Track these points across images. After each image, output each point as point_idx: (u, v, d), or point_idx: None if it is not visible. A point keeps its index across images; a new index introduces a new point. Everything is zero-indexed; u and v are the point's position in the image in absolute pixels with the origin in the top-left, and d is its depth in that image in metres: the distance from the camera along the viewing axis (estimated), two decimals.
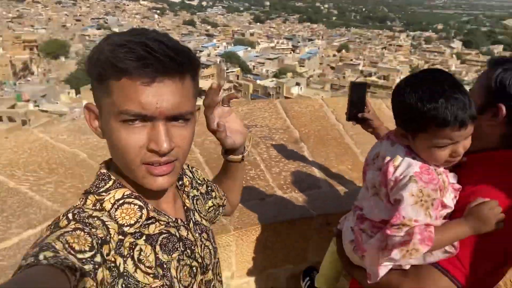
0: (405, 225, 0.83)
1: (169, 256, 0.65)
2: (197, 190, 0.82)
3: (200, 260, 0.72)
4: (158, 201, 0.68)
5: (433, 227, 0.84)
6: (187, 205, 0.75)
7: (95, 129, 0.63)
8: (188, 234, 0.71)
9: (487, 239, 0.85)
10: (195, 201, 0.79)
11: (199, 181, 0.85)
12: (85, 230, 0.55)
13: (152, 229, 0.65)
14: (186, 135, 0.62)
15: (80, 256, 0.52)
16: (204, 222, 0.78)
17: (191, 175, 0.82)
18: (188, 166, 0.85)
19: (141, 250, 0.61)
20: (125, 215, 0.62)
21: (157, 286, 0.61)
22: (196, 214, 0.76)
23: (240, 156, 0.87)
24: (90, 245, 0.54)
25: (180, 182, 0.77)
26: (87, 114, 0.62)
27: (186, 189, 0.77)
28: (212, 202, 0.88)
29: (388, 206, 0.91)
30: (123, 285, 0.57)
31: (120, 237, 0.60)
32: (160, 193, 0.68)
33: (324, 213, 1.82)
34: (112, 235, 0.58)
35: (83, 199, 0.64)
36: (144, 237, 0.63)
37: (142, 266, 0.60)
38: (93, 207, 0.62)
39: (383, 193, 0.92)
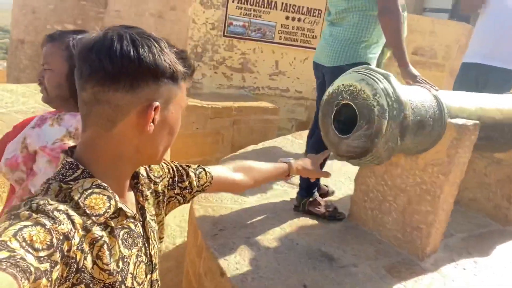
0: None
1: (130, 251, 0.66)
2: (149, 188, 0.81)
3: (151, 259, 0.73)
4: (120, 194, 0.69)
5: None
6: (141, 203, 0.76)
7: (151, 124, 0.67)
8: (143, 231, 0.72)
9: None
10: (146, 200, 0.79)
11: (155, 179, 0.83)
12: (47, 226, 0.53)
13: (115, 222, 0.65)
14: None
15: (38, 254, 0.50)
16: (152, 222, 0.78)
17: (145, 173, 0.81)
18: None
19: (101, 246, 0.60)
20: (94, 205, 0.61)
21: (110, 282, 0.61)
22: (147, 213, 0.77)
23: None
24: (49, 242, 0.52)
25: (135, 181, 0.77)
26: (152, 112, 0.65)
27: (140, 188, 0.77)
28: (183, 186, 0.89)
29: None
30: (78, 280, 0.57)
31: (83, 232, 0.58)
32: (123, 187, 0.70)
33: None
34: (76, 230, 0.57)
35: (44, 187, 0.62)
36: (109, 229, 0.63)
37: (99, 263, 0.60)
38: (57, 198, 0.60)
39: None
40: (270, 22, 5.50)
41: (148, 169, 0.82)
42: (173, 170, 0.87)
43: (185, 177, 0.88)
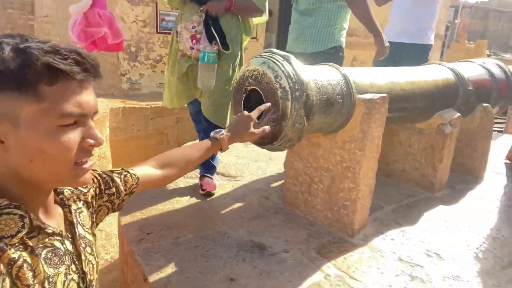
0: None
1: (56, 270, 0.63)
2: (79, 200, 0.78)
3: (83, 276, 0.70)
4: (39, 212, 0.65)
5: None
6: (70, 219, 0.72)
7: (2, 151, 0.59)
8: (73, 248, 0.69)
9: None
10: (77, 214, 0.76)
11: (83, 190, 0.80)
12: None
13: (35, 242, 0.61)
14: None
15: None
16: (87, 236, 0.75)
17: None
18: None
19: (20, 266, 0.56)
20: (4, 226, 0.57)
21: None
22: (79, 227, 0.74)
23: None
24: None
25: (60, 196, 0.73)
26: None
27: (67, 203, 0.74)
28: (110, 192, 0.87)
29: None
30: None
31: None
32: (40, 204, 0.66)
33: None
34: None
35: None
36: (29, 249, 0.59)
37: (19, 284, 0.56)
38: None
39: None
40: None
41: None
42: (97, 179, 0.85)
43: (111, 183, 0.87)
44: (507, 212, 2.09)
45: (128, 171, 0.91)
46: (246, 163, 2.66)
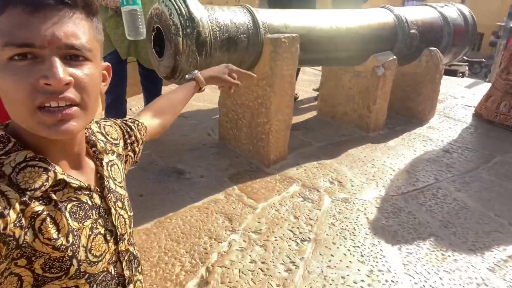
0: None
1: (81, 224, 0.61)
2: (113, 153, 0.75)
3: (114, 230, 0.68)
4: (67, 166, 0.63)
5: None
6: (101, 172, 0.69)
7: None
8: (102, 202, 0.67)
9: None
10: (109, 167, 0.72)
11: (114, 142, 0.78)
12: None
13: (60, 195, 0.59)
14: (88, 73, 0.56)
15: None
16: (119, 190, 0.72)
17: (103, 138, 0.75)
18: (98, 126, 0.77)
19: (43, 220, 0.56)
20: (28, 179, 0.56)
21: (56, 256, 0.57)
22: (110, 181, 0.71)
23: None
24: None
25: (93, 149, 0.70)
26: None
27: (100, 156, 0.71)
28: (131, 141, 0.84)
29: None
30: (18, 255, 0.54)
31: (22, 207, 0.54)
32: (68, 157, 0.63)
33: None
34: (12, 206, 0.53)
35: None
36: (53, 203, 0.58)
37: (41, 237, 0.56)
38: None
39: None
40: None
41: (104, 132, 0.77)
42: (121, 129, 0.82)
43: (130, 132, 0.84)
44: (428, 152, 2.21)
45: (137, 120, 0.89)
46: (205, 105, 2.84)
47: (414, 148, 2.24)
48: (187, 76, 1.09)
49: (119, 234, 0.69)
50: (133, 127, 0.84)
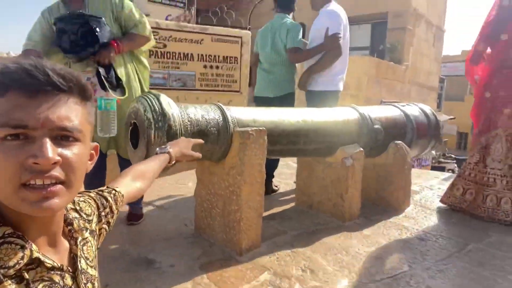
0: None
1: None
2: (86, 230, 0.74)
3: None
4: (43, 244, 0.63)
5: None
6: (74, 252, 0.69)
7: None
8: (73, 283, 0.65)
9: None
10: (82, 247, 0.71)
11: (88, 218, 0.77)
12: None
13: (32, 274, 0.58)
14: (76, 153, 0.58)
15: None
16: (89, 270, 0.71)
17: (77, 215, 0.75)
18: (72, 203, 0.76)
19: None
20: (3, 256, 0.55)
21: None
22: (83, 261, 0.70)
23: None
24: None
25: (69, 228, 0.70)
26: None
27: (75, 235, 0.70)
28: (105, 213, 0.84)
29: None
30: None
31: None
32: (45, 235, 0.63)
33: None
34: None
35: None
36: (24, 282, 0.56)
37: None
38: None
39: None
40: (189, 72, 5.94)
41: (78, 209, 0.77)
42: (95, 202, 0.82)
43: (105, 203, 0.84)
44: (403, 240, 2.23)
45: (114, 189, 0.89)
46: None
47: (389, 236, 2.25)
48: (158, 149, 1.15)
49: None
50: (108, 198, 0.85)
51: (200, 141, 1.37)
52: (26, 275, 0.57)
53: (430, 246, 2.14)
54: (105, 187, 0.88)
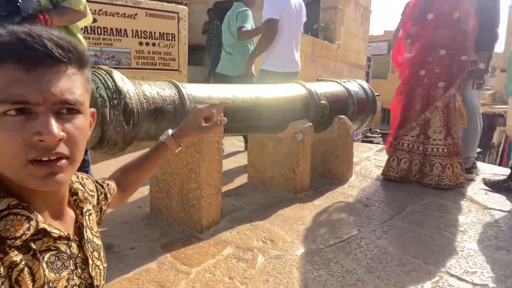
0: None
1: (57, 275, 0.59)
2: (90, 203, 0.76)
3: (90, 281, 0.67)
4: (48, 214, 0.63)
5: None
6: (80, 221, 0.70)
7: None
8: (80, 252, 0.66)
9: None
10: (87, 216, 0.72)
11: (91, 193, 0.79)
12: None
13: (39, 244, 0.58)
14: (79, 126, 0.58)
15: None
16: (95, 240, 0.72)
17: (82, 188, 0.76)
18: (77, 177, 0.78)
19: (21, 270, 0.54)
20: (9, 227, 0.55)
21: None
22: (88, 231, 0.70)
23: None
24: None
25: (74, 197, 0.71)
26: None
27: (80, 205, 0.71)
28: (101, 197, 0.85)
29: None
30: None
31: (0, 255, 0.53)
32: (50, 205, 0.63)
33: None
34: None
35: None
36: (31, 252, 0.56)
37: None
38: None
39: None
40: (123, 49, 5.59)
41: (82, 183, 0.78)
42: (93, 183, 0.83)
43: (101, 188, 0.85)
44: (350, 207, 2.41)
45: (108, 183, 0.89)
46: None
47: (338, 205, 2.41)
48: (161, 137, 1.02)
49: (95, 286, 0.68)
50: (104, 186, 0.86)
51: (224, 103, 1.16)
52: (33, 245, 0.57)
53: (374, 211, 2.34)
54: (100, 179, 0.89)
